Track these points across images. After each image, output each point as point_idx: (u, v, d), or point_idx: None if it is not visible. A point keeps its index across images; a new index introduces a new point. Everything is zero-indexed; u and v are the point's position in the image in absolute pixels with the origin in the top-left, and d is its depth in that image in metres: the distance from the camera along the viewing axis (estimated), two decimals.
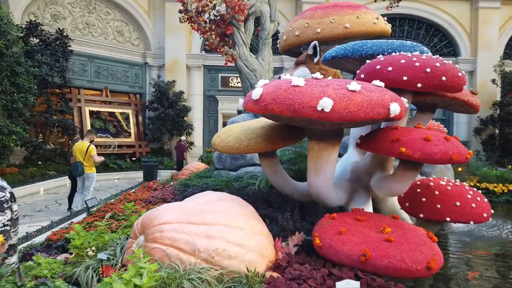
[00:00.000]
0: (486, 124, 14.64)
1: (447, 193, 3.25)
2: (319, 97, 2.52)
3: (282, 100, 2.60)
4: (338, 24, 5.37)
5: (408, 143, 2.80)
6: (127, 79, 14.54)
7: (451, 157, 2.71)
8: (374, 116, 2.60)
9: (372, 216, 2.91)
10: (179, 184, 5.05)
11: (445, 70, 3.00)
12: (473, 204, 3.16)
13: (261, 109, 2.74)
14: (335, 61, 4.24)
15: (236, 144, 3.35)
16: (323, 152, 3.09)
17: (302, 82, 2.64)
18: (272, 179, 3.75)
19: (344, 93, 2.57)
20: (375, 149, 2.99)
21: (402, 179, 3.10)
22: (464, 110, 3.85)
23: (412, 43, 3.85)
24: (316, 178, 3.20)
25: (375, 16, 5.50)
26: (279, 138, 3.36)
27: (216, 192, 2.92)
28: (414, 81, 3.00)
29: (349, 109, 2.52)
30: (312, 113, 2.51)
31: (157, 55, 14.82)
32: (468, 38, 15.58)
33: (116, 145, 12.79)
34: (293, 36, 5.76)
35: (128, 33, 14.59)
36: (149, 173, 8.91)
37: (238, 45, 8.91)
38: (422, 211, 3.25)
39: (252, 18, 9.35)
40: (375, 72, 3.20)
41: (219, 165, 5.30)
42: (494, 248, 4.47)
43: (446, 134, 7.48)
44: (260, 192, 4.29)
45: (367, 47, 3.84)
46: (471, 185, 8.43)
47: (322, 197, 3.31)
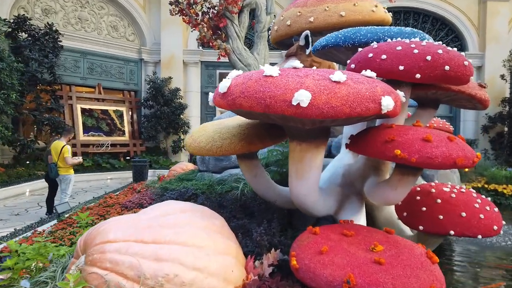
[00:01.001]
0: (495, 122, 14.05)
1: (451, 202, 2.80)
2: (294, 89, 2.09)
3: (252, 93, 2.16)
4: (332, 12, 4.91)
5: (404, 144, 2.36)
6: (121, 75, 14.13)
7: (455, 161, 2.27)
8: (362, 112, 2.16)
9: (361, 230, 2.47)
10: (158, 188, 4.63)
11: (448, 58, 2.55)
12: (482, 214, 2.71)
13: (229, 104, 2.31)
14: (326, 51, 3.79)
15: (208, 145, 2.93)
16: (305, 155, 2.66)
17: (276, 72, 2.20)
18: (253, 183, 3.32)
19: (326, 84, 2.13)
20: (365, 151, 2.55)
21: (398, 186, 2.66)
22: (471, 106, 3.39)
23: (412, 29, 3.39)
24: (298, 184, 2.76)
25: (374, 4, 5.03)
26: (257, 138, 2.93)
27: (179, 202, 2.50)
28: (412, 71, 2.55)
29: (331, 104, 2.08)
30: (286, 108, 2.08)
31: (153, 51, 14.40)
32: (476, 32, 14.99)
33: (109, 144, 12.41)
34: (285, 26, 5.31)
35: (122, 28, 14.18)
36: (139, 174, 8.52)
37: (232, 39, 8.49)
38: (422, 223, 2.81)
39: (247, 10, 8.92)
40: (367, 61, 2.75)
41: (202, 166, 4.88)
42: (506, 259, 4.01)
43: (452, 132, 7.03)
44: (243, 198, 3.87)
45: (360, 35, 3.38)
46: (479, 187, 7.96)
47: (306, 206, 2.88)
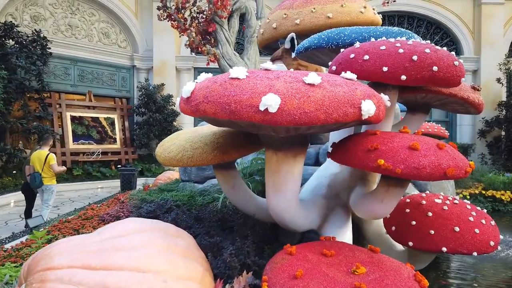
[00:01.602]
0: (492, 126, 13.83)
1: (443, 215, 2.56)
2: (263, 93, 1.86)
3: (216, 98, 1.93)
4: (319, 13, 4.70)
5: (388, 153, 2.12)
6: (113, 82, 13.89)
7: (446, 172, 2.04)
8: (340, 118, 1.93)
9: (343, 248, 2.23)
10: (137, 199, 4.38)
11: (437, 58, 2.33)
12: (477, 229, 2.47)
13: (192, 111, 2.08)
14: (309, 53, 3.57)
15: (179, 155, 2.69)
16: (282, 165, 2.42)
17: (243, 74, 1.97)
18: (230, 196, 3.08)
19: (299, 87, 1.90)
20: (346, 160, 2.31)
21: (384, 198, 2.43)
22: (464, 110, 3.16)
23: (400, 29, 3.17)
24: (275, 197, 2.53)
25: (362, 5, 4.82)
26: (232, 147, 2.70)
27: (139, 220, 2.25)
28: (397, 72, 2.32)
29: (304, 109, 1.85)
30: (253, 114, 1.85)
31: (146, 57, 14.18)
32: (471, 35, 14.82)
33: (100, 152, 12.15)
34: (271, 29, 5.10)
35: (114, 35, 13.96)
36: (127, 182, 8.26)
37: (221, 44, 8.27)
38: (411, 238, 2.57)
39: (236, 15, 8.71)
40: (349, 62, 2.53)
41: (185, 176, 4.64)
42: (507, 272, 3.75)
43: (447, 137, 6.78)
44: (224, 210, 3.63)
45: (345, 35, 3.17)
46: (476, 193, 7.71)
47: (285, 221, 2.63)
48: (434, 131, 8.05)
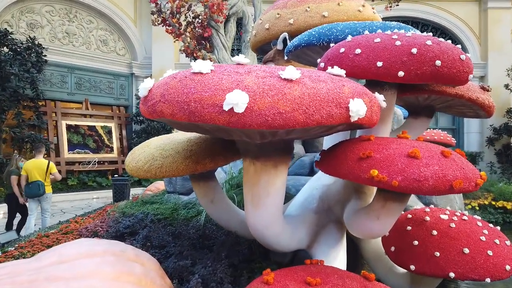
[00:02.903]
0: (500, 133, 13.40)
1: (450, 234, 2.20)
2: (228, 90, 1.54)
3: (174, 97, 1.62)
4: (314, 12, 4.40)
5: (383, 162, 1.79)
6: (111, 90, 13.69)
7: (452, 184, 1.69)
8: (323, 120, 1.60)
9: (331, 275, 1.88)
10: (118, 212, 4.07)
11: (440, 51, 2.00)
12: (490, 251, 2.11)
13: (149, 112, 1.76)
14: (299, 52, 3.26)
15: (146, 165, 2.38)
16: (261, 176, 2.09)
17: (207, 68, 1.66)
18: (209, 210, 2.75)
19: (272, 83, 1.58)
20: (336, 170, 1.97)
21: (381, 214, 2.08)
22: (473, 113, 2.82)
23: (399, 24, 2.85)
24: (255, 213, 2.19)
25: (361, 3, 4.52)
26: (207, 155, 2.37)
27: (93, 242, 1.92)
28: (393, 67, 1.99)
29: (278, 109, 1.53)
30: (217, 116, 1.53)
31: (144, 65, 13.99)
32: (477, 41, 14.48)
33: (96, 161, 11.89)
34: (263, 30, 4.80)
35: (112, 42, 13.80)
36: (119, 193, 7.96)
37: (218, 49, 8.02)
38: (413, 261, 2.21)
39: (233, 20, 8.48)
40: (338, 57, 2.20)
41: (170, 187, 4.32)
42: None
43: (454, 145, 6.40)
44: (208, 225, 3.29)
45: (337, 30, 2.86)
46: (486, 204, 7.29)
47: (267, 240, 2.29)
48: (440, 138, 7.67)
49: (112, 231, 3.64)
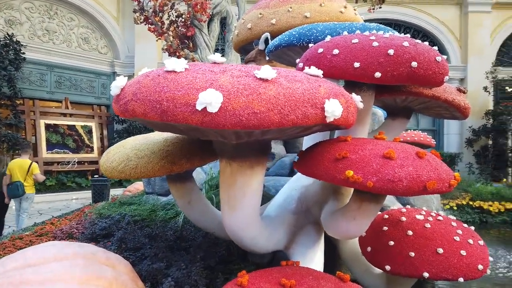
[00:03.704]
0: (479, 135, 13.71)
1: (425, 234, 2.22)
2: (201, 89, 1.51)
3: (146, 95, 1.58)
4: (296, 13, 4.40)
5: (358, 163, 1.79)
6: (93, 89, 13.44)
7: (426, 185, 1.71)
8: (299, 121, 1.59)
9: (306, 276, 1.86)
10: (95, 214, 3.98)
11: (416, 53, 2.01)
12: (463, 250, 2.14)
13: (121, 111, 1.71)
14: (280, 52, 3.25)
15: (121, 165, 2.32)
16: (237, 177, 2.06)
17: (181, 66, 1.62)
18: (187, 211, 2.71)
19: (247, 83, 1.56)
20: (312, 171, 1.97)
21: (357, 215, 2.08)
22: (449, 115, 2.85)
23: (379, 25, 2.87)
24: (232, 216, 2.16)
25: (343, 5, 4.54)
26: (183, 155, 2.33)
27: (62, 244, 1.86)
28: (370, 68, 2.00)
29: (253, 109, 1.51)
30: (189, 115, 1.49)
31: (127, 64, 13.79)
32: (458, 44, 14.78)
33: (75, 162, 11.65)
34: (245, 30, 4.77)
35: (94, 40, 13.56)
36: (98, 194, 7.81)
37: (201, 48, 7.96)
38: (389, 261, 2.22)
39: (217, 19, 8.43)
40: (316, 58, 2.20)
41: (148, 188, 4.25)
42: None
43: (433, 146, 6.51)
44: (186, 226, 3.24)
45: (317, 31, 2.86)
46: (463, 204, 7.44)
47: (244, 242, 2.27)
48: (420, 139, 7.79)
49: (87, 233, 3.55)
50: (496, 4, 14.47)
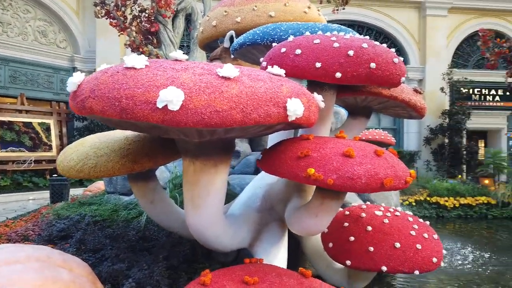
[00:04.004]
0: (436, 134, 14.35)
1: (383, 229, 2.30)
2: (162, 86, 1.49)
3: (104, 92, 1.53)
4: (261, 12, 4.42)
5: (319, 161, 1.82)
6: (51, 85, 12.86)
7: (383, 182, 1.77)
8: (261, 119, 1.60)
9: (269, 273, 1.88)
10: (53, 215, 3.82)
11: (374, 54, 2.08)
12: (419, 244, 2.24)
13: (78, 108, 1.66)
14: (244, 51, 3.26)
15: (79, 164, 2.24)
16: (201, 176, 2.05)
17: (141, 63, 1.59)
18: (149, 211, 2.66)
19: (210, 80, 1.55)
20: (275, 169, 1.99)
21: (319, 212, 2.13)
22: (407, 114, 2.97)
23: (340, 26, 2.94)
24: (195, 214, 2.14)
25: (306, 5, 4.61)
26: (145, 154, 2.29)
27: (15, 247, 1.78)
28: (331, 68, 2.04)
29: (215, 107, 1.50)
30: (150, 113, 1.47)
31: (88, 59, 13.29)
32: (416, 46, 15.38)
33: (32, 160, 11.13)
34: (210, 27, 4.74)
35: (52, 34, 12.97)
36: (57, 194, 7.52)
37: (165, 45, 7.82)
38: (349, 256, 2.28)
39: (182, 15, 8.31)
40: (279, 57, 2.22)
41: (110, 187, 4.13)
42: (451, 283, 3.60)
43: (393, 145, 6.75)
44: (149, 226, 3.18)
45: (281, 30, 2.88)
46: (421, 200, 7.77)
47: (208, 241, 2.26)
48: (381, 138, 8.07)
49: (44, 235, 3.41)
50: (452, 8, 15.19)
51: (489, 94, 15.84)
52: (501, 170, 10.16)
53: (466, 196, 7.87)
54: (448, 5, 15.09)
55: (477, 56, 15.62)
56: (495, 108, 15.70)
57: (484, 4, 15.26)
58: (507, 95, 15.34)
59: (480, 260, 4.39)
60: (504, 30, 15.45)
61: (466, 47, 15.97)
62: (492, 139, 15.93)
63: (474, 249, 4.89)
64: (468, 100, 15.16)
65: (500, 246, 5.25)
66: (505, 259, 4.46)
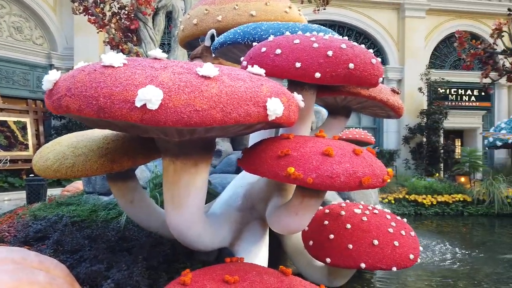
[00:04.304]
0: (414, 133, 14.65)
1: (362, 227, 2.34)
2: (141, 85, 1.47)
3: (81, 91, 1.51)
4: (242, 11, 4.42)
5: (299, 160, 1.84)
6: (27, 82, 12.52)
7: (361, 180, 1.80)
8: (241, 119, 1.60)
9: (249, 272, 1.89)
10: (29, 215, 3.73)
11: (353, 55, 2.11)
12: (396, 241, 2.29)
13: (54, 106, 1.63)
14: (225, 49, 3.25)
15: (56, 164, 2.20)
16: (181, 175, 2.04)
17: (119, 61, 1.57)
18: (129, 211, 2.63)
19: (189, 80, 1.54)
20: (256, 168, 2.00)
21: (299, 211, 2.15)
22: (384, 114, 3.03)
23: (320, 26, 2.97)
24: (175, 214, 2.13)
25: (287, 5, 4.63)
26: (124, 153, 2.26)
27: None
28: (311, 69, 2.06)
29: (195, 106, 1.50)
30: (128, 112, 1.45)
31: (65, 56, 12.99)
32: (396, 46, 15.65)
33: (7, 160, 10.81)
34: (191, 25, 4.71)
35: (28, 30, 12.62)
36: (34, 194, 7.34)
37: (145, 42, 7.72)
38: (329, 254, 2.31)
39: (162, 13, 8.22)
40: (260, 56, 2.23)
41: (89, 187, 4.06)
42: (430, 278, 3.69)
43: (373, 144, 6.86)
44: (129, 226, 3.15)
45: (261, 30, 2.89)
46: (400, 198, 7.92)
47: (189, 240, 2.25)
48: (361, 137, 8.18)
49: (20, 237, 3.33)
50: (430, 10, 15.53)
51: (465, 94, 16.28)
52: (477, 169, 10.45)
53: (443, 194, 8.08)
54: (426, 7, 15.42)
55: (454, 57, 16.02)
56: (471, 108, 16.15)
57: (461, 6, 15.66)
58: (482, 95, 15.81)
59: (456, 256, 4.51)
60: (479, 32, 15.88)
61: (443, 48, 16.36)
62: (468, 138, 16.37)
63: (451, 246, 5.03)
64: (445, 100, 15.54)
65: (476, 242, 5.41)
66: (480, 255, 4.60)
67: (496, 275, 3.81)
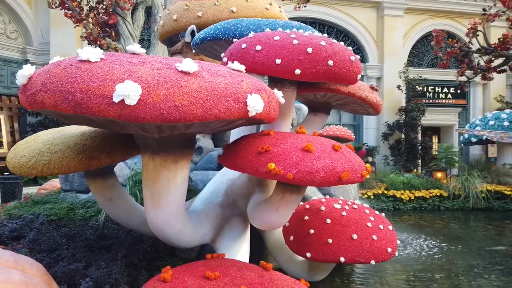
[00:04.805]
0: (393, 129, 14.93)
1: (342, 222, 2.38)
2: (119, 80, 1.45)
3: (57, 86, 1.48)
4: (223, 7, 4.39)
5: (279, 156, 1.85)
6: (1, 78, 12.09)
7: (340, 176, 1.82)
8: (221, 115, 1.60)
9: (230, 268, 1.89)
10: (4, 215, 3.62)
11: (332, 52, 2.13)
12: (375, 235, 2.33)
13: (29, 102, 1.58)
14: (205, 45, 3.23)
15: (31, 161, 2.14)
16: (161, 172, 2.02)
17: (96, 56, 1.54)
18: (108, 209, 2.59)
19: (168, 75, 1.53)
20: (236, 164, 2.00)
21: (280, 206, 2.16)
22: (363, 111, 3.07)
23: (300, 23, 2.98)
24: (155, 212, 2.11)
25: (268, 1, 4.64)
26: (102, 150, 2.22)
27: None
28: (291, 65, 2.08)
29: (174, 102, 1.49)
30: (106, 108, 1.43)
31: (41, 51, 12.63)
32: (375, 45, 15.87)
33: None
34: (171, 21, 4.66)
35: (2, 24, 12.17)
36: (9, 192, 7.13)
37: (124, 38, 7.59)
38: (309, 249, 2.34)
39: (142, 8, 8.09)
40: (240, 53, 2.23)
41: (66, 185, 3.98)
42: (407, 272, 3.77)
43: (353, 140, 6.95)
44: (108, 224, 3.10)
45: (242, 26, 2.89)
46: (379, 193, 8.07)
47: (168, 237, 2.23)
48: (342, 134, 8.31)
49: None
50: (408, 9, 15.81)
51: (442, 92, 16.66)
52: (453, 164, 10.73)
53: (421, 189, 8.26)
54: (404, 6, 15.68)
55: (431, 55, 16.36)
56: (447, 105, 16.55)
57: (438, 5, 15.99)
58: (458, 93, 16.20)
59: (433, 250, 4.63)
60: (455, 31, 16.26)
61: (421, 47, 16.68)
62: (444, 134, 16.80)
63: (428, 239, 5.16)
64: (423, 97, 15.87)
65: (452, 236, 5.56)
66: (456, 248, 4.73)
67: (472, 267, 3.93)
